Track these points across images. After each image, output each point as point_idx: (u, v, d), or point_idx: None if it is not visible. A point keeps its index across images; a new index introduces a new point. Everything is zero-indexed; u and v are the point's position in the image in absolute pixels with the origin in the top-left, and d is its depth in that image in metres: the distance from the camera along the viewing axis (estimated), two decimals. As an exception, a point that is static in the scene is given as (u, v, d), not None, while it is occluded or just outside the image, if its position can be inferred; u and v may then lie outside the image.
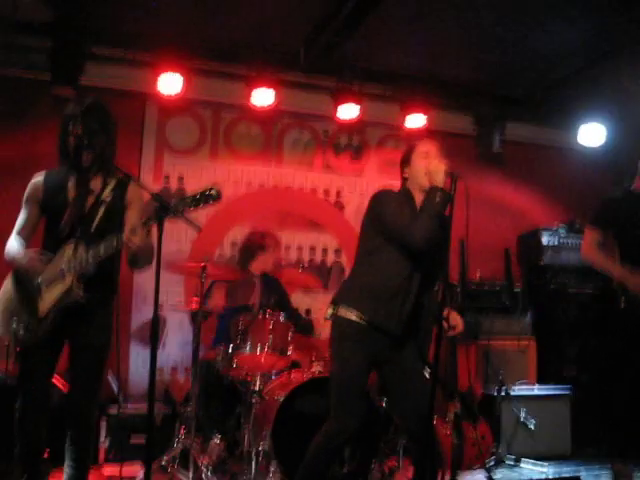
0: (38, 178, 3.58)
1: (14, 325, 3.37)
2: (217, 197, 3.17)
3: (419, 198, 3.63)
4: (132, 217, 3.53)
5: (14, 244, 3.51)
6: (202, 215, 6.15)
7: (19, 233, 3.57)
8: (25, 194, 3.60)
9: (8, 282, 3.52)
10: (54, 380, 4.63)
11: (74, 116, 3.42)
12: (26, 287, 3.42)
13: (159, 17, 5.55)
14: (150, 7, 5.35)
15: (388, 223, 3.56)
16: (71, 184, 3.51)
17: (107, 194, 3.51)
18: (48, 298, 3.39)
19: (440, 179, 3.48)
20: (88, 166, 3.48)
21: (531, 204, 7.51)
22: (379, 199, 3.68)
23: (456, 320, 3.67)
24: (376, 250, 3.63)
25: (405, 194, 3.72)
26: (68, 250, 3.39)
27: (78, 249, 3.38)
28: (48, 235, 3.53)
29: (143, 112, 6.35)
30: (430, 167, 3.56)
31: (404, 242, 3.52)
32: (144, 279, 5.77)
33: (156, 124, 6.39)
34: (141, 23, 5.70)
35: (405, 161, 3.78)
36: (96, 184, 3.53)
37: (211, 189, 3.17)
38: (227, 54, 6.09)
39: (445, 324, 3.62)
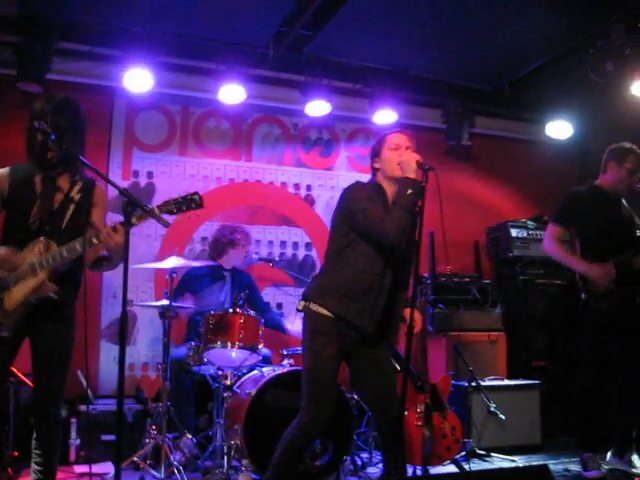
0: (2, 170, 3.48)
1: None
2: (199, 204, 3.25)
3: (390, 189, 3.63)
4: (97, 216, 3.53)
5: None
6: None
7: None
8: None
9: None
10: (24, 378, 4.61)
11: (42, 112, 3.36)
12: None
13: (127, 12, 5.50)
14: (118, 1, 5.30)
15: (359, 220, 3.54)
16: (37, 179, 3.44)
17: (76, 192, 3.48)
18: (17, 292, 3.31)
19: (412, 170, 3.47)
20: (55, 163, 3.41)
21: (500, 197, 7.57)
22: (349, 194, 3.66)
23: (417, 318, 3.69)
24: (348, 246, 3.61)
25: (376, 186, 3.71)
26: (39, 245, 3.33)
27: (50, 245, 3.33)
28: (11, 228, 3.45)
29: (111, 108, 6.30)
30: (402, 158, 3.55)
31: (377, 238, 3.51)
32: (114, 275, 5.70)
33: (124, 120, 6.34)
34: (108, 18, 5.64)
35: (376, 152, 3.76)
36: (64, 182, 3.48)
37: (194, 194, 3.22)
38: (195, 49, 6.07)
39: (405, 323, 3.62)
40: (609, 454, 4.93)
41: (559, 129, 7.02)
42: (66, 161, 3.43)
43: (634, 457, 4.84)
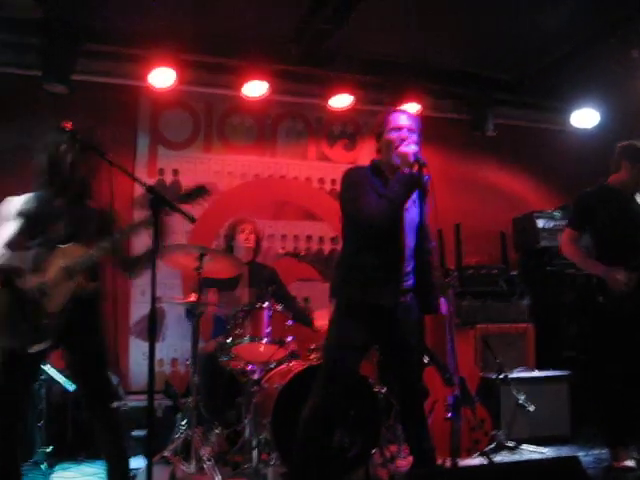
0: (26, 196, 3.65)
1: (23, 327, 3.42)
2: (207, 193, 3.46)
3: (389, 170, 3.66)
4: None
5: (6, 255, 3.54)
6: (198, 207, 6.15)
7: (9, 246, 3.58)
8: (13, 208, 3.62)
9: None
10: (54, 376, 4.70)
11: (67, 146, 3.54)
12: (20, 293, 3.45)
13: (150, 11, 5.54)
14: (141, 2, 5.34)
15: (349, 208, 3.63)
16: (58, 202, 3.62)
17: (90, 213, 3.69)
18: (58, 295, 3.46)
19: (407, 165, 3.49)
20: (77, 191, 3.65)
21: (526, 188, 7.53)
22: (343, 182, 3.71)
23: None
24: (356, 230, 3.66)
25: (374, 168, 3.73)
26: (68, 250, 3.50)
27: (76, 249, 3.50)
28: (38, 243, 3.57)
29: (136, 106, 6.36)
30: (399, 150, 3.56)
31: (363, 226, 3.56)
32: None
33: (149, 118, 6.40)
34: (132, 18, 5.68)
35: (378, 133, 3.77)
36: (83, 205, 3.70)
37: (202, 186, 3.43)
38: (218, 46, 6.08)
39: None
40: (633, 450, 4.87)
41: (584, 118, 6.96)
42: (84, 187, 3.68)
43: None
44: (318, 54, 6.20)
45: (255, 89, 6.10)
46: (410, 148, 3.53)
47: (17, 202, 3.64)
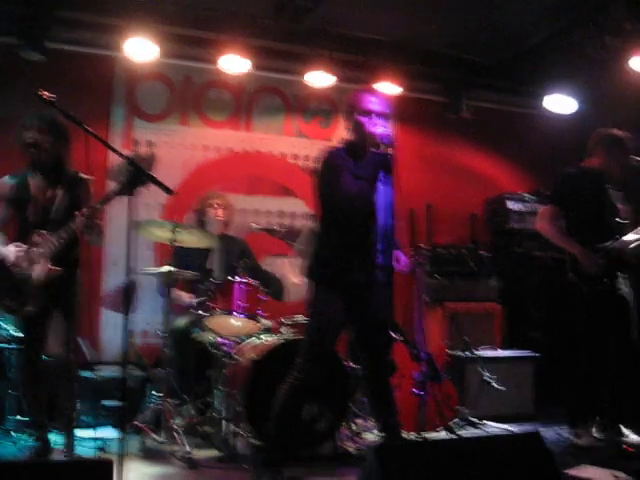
0: (4, 179, 4.19)
1: (9, 301, 4.01)
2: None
3: (361, 150, 3.82)
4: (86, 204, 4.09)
5: None
6: (174, 180, 6.17)
7: None
8: None
9: None
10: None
11: (31, 127, 4.03)
12: (8, 274, 4.01)
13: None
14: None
15: (324, 191, 3.79)
16: (32, 181, 4.14)
17: (60, 188, 4.15)
18: (36, 278, 3.99)
19: (375, 144, 3.69)
20: (46, 168, 4.12)
21: (498, 170, 7.61)
22: (320, 165, 3.85)
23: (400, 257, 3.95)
24: (331, 211, 3.81)
25: (346, 148, 3.88)
26: (37, 238, 4.01)
27: (45, 236, 4.00)
28: (18, 225, 4.18)
29: (112, 77, 6.30)
30: (368, 130, 3.73)
31: (339, 207, 3.73)
32: (113, 243, 5.77)
33: (125, 89, 6.35)
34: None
35: (348, 112, 3.92)
36: (53, 181, 4.15)
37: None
38: (198, 19, 6.05)
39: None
40: (594, 429, 5.00)
41: (559, 103, 7.03)
42: (54, 164, 4.14)
43: (623, 428, 4.94)
44: (297, 31, 6.21)
45: (233, 64, 6.10)
46: (378, 130, 3.70)
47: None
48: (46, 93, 3.44)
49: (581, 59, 6.24)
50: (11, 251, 4.03)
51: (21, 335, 4.25)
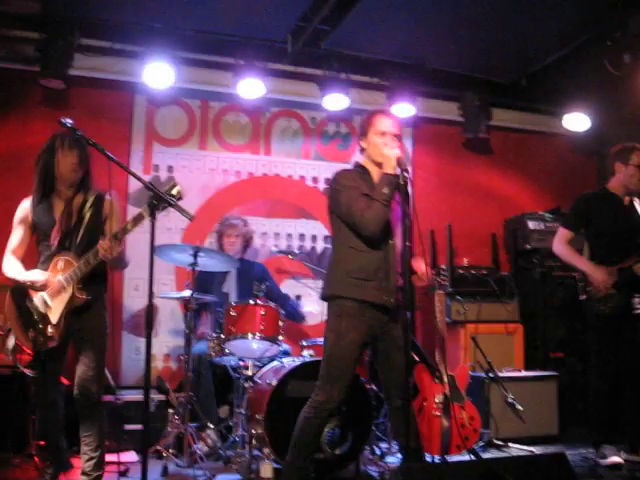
0: (27, 202, 3.98)
1: (32, 334, 3.80)
2: (178, 197, 3.45)
3: (375, 171, 3.80)
4: (111, 227, 3.91)
5: (12, 263, 3.94)
6: (193, 204, 6.21)
7: (14, 252, 3.97)
8: (16, 217, 4.00)
9: (8, 300, 3.92)
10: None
11: (63, 148, 3.87)
12: (26, 303, 3.86)
13: (146, 8, 5.57)
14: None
15: (343, 212, 3.73)
16: (56, 204, 3.95)
17: (87, 210, 3.96)
18: (56, 307, 3.80)
19: (391, 167, 3.62)
20: (72, 191, 3.96)
21: (517, 190, 7.57)
22: (335, 184, 3.81)
23: (422, 268, 3.87)
24: (347, 231, 3.76)
25: (360, 169, 3.87)
26: (60, 262, 3.83)
27: (69, 261, 3.81)
28: (41, 250, 3.97)
29: (132, 103, 6.37)
30: (383, 153, 3.69)
31: (358, 230, 3.68)
32: (135, 268, 5.77)
33: (145, 115, 6.42)
34: (128, 14, 5.72)
35: (363, 132, 3.90)
36: (77, 201, 3.97)
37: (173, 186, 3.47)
38: (215, 44, 6.13)
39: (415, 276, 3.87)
40: (619, 449, 4.94)
41: (576, 121, 7.02)
42: (79, 186, 3.97)
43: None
44: (314, 54, 6.25)
45: (251, 88, 6.14)
46: (393, 152, 3.65)
47: (21, 207, 3.98)
48: (68, 120, 3.49)
49: (599, 77, 6.22)
50: (38, 275, 3.84)
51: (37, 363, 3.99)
